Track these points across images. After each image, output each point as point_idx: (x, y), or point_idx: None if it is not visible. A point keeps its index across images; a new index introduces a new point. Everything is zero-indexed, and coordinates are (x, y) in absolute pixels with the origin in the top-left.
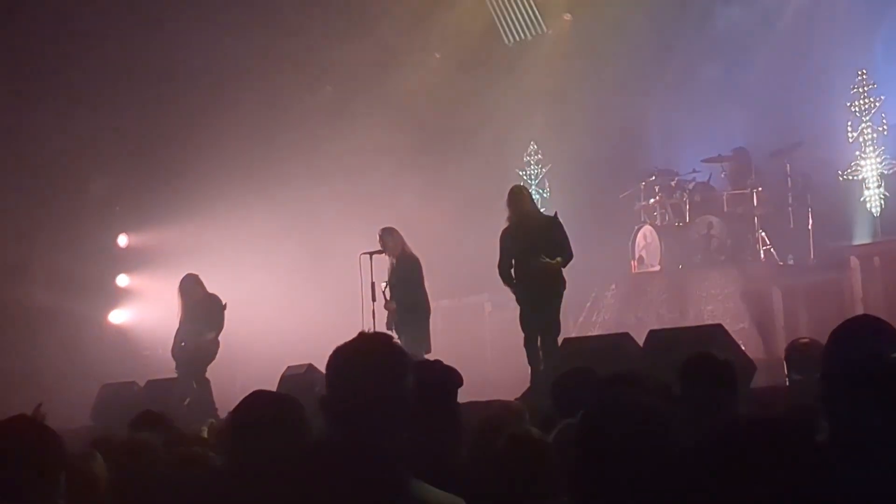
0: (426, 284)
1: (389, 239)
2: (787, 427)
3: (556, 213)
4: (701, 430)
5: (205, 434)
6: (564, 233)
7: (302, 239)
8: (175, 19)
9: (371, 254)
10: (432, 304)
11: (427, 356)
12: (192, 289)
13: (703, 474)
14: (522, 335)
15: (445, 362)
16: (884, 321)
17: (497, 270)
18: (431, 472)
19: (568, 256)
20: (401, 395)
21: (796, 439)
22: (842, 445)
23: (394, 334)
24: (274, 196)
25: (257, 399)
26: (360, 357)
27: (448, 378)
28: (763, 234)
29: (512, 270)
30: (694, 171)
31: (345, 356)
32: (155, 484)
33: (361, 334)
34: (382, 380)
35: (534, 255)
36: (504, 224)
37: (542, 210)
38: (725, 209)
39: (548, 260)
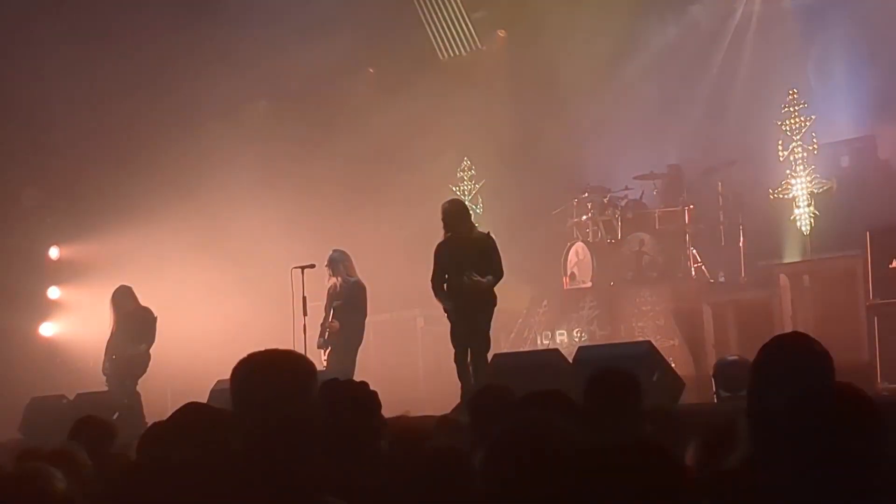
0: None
1: (341, 261)
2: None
3: (489, 233)
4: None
5: None
6: (497, 252)
7: (234, 252)
8: (105, 28)
9: (303, 268)
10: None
11: None
12: (124, 301)
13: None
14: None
15: (378, 377)
16: (813, 339)
17: (430, 284)
18: (346, 491)
19: (498, 276)
20: (306, 407)
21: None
22: (762, 469)
23: (324, 354)
24: (207, 209)
25: (190, 411)
26: (262, 369)
27: (367, 399)
28: (694, 251)
29: (444, 285)
30: (626, 188)
31: (246, 371)
32: None
33: (271, 350)
34: (286, 391)
35: (465, 271)
36: (439, 238)
37: (477, 227)
38: (657, 226)
39: (478, 278)
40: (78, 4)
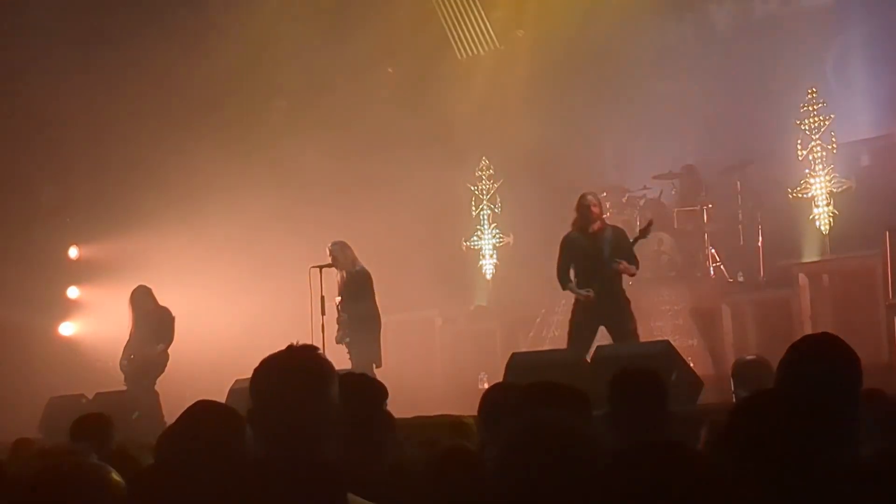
0: (377, 298)
1: (340, 253)
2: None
3: (614, 226)
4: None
5: None
6: (630, 244)
7: (252, 252)
8: (128, 33)
9: (321, 267)
10: (383, 319)
11: (377, 370)
12: (142, 301)
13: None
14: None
15: (396, 376)
16: (842, 341)
17: (557, 274)
18: (353, 483)
19: (637, 266)
20: (326, 407)
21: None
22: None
23: (345, 348)
24: (225, 208)
25: (200, 409)
26: (283, 370)
27: (373, 391)
28: (713, 250)
29: (572, 274)
30: (645, 187)
31: (268, 369)
32: None
33: (289, 347)
34: (306, 392)
35: (606, 263)
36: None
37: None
38: (676, 226)
39: (626, 265)
40: (97, 9)
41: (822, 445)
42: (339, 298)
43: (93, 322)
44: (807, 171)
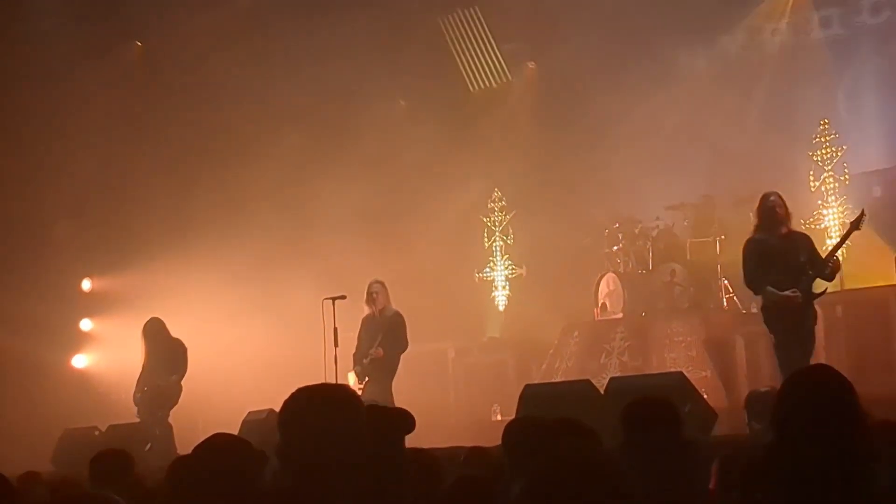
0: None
1: (382, 292)
2: None
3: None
4: (644, 479)
5: None
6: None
7: (265, 284)
8: (140, 70)
9: (334, 299)
10: None
11: None
12: (155, 333)
13: None
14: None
15: (409, 408)
16: (836, 371)
17: (746, 279)
18: None
19: (832, 272)
20: (354, 442)
21: None
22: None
23: (360, 383)
24: (237, 240)
25: (216, 441)
26: (313, 405)
27: (397, 424)
28: (726, 281)
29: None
30: (657, 218)
31: (298, 404)
32: None
33: (322, 384)
34: (336, 425)
35: (801, 267)
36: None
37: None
38: (688, 257)
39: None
40: (110, 48)
41: (833, 482)
42: (384, 333)
43: (106, 354)
44: (819, 202)
